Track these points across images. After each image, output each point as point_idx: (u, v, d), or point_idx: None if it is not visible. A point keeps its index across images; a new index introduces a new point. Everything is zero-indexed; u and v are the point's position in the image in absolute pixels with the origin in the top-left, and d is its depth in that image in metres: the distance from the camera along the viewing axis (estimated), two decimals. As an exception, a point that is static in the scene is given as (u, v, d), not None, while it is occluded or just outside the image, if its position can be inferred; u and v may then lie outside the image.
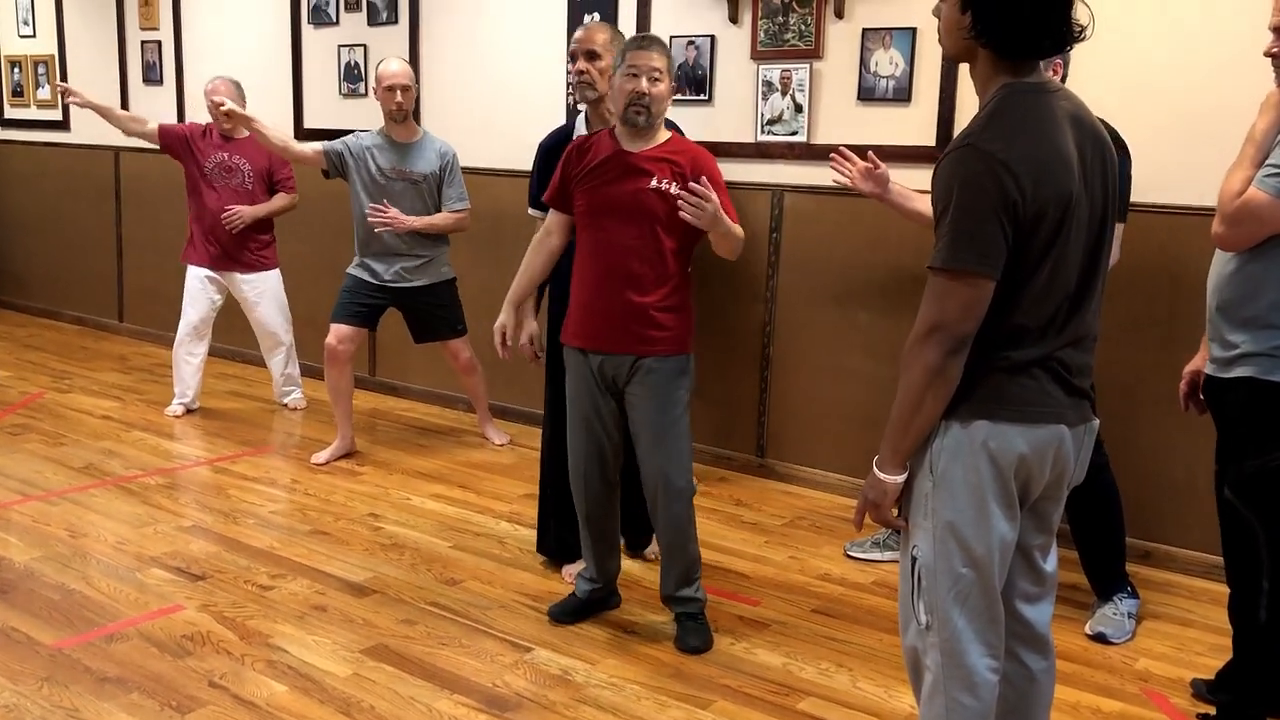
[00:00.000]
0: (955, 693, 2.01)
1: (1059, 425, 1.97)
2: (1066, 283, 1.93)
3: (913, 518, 2.04)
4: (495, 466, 4.80)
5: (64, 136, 7.51)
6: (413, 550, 3.82)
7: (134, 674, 2.91)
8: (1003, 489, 1.95)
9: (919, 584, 2.02)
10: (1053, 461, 1.99)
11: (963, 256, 1.86)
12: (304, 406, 5.60)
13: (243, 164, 5.26)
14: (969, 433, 1.94)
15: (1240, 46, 3.53)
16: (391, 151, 4.68)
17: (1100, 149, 1.97)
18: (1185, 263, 3.65)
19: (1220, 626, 3.33)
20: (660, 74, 2.99)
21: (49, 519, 4.01)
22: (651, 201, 2.99)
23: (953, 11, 1.93)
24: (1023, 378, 1.93)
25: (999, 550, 1.98)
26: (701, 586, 3.23)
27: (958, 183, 1.86)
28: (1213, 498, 3.65)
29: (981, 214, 1.84)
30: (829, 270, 4.46)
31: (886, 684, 2.97)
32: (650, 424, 3.06)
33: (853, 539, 3.94)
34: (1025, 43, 1.89)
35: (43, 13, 7.50)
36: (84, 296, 7.62)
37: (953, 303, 1.87)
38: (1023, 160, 1.84)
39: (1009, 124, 1.88)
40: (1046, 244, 1.88)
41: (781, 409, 4.65)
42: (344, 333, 4.69)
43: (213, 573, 3.57)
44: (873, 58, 4.24)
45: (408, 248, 4.69)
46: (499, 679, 2.94)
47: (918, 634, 2.05)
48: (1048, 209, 1.86)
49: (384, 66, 4.67)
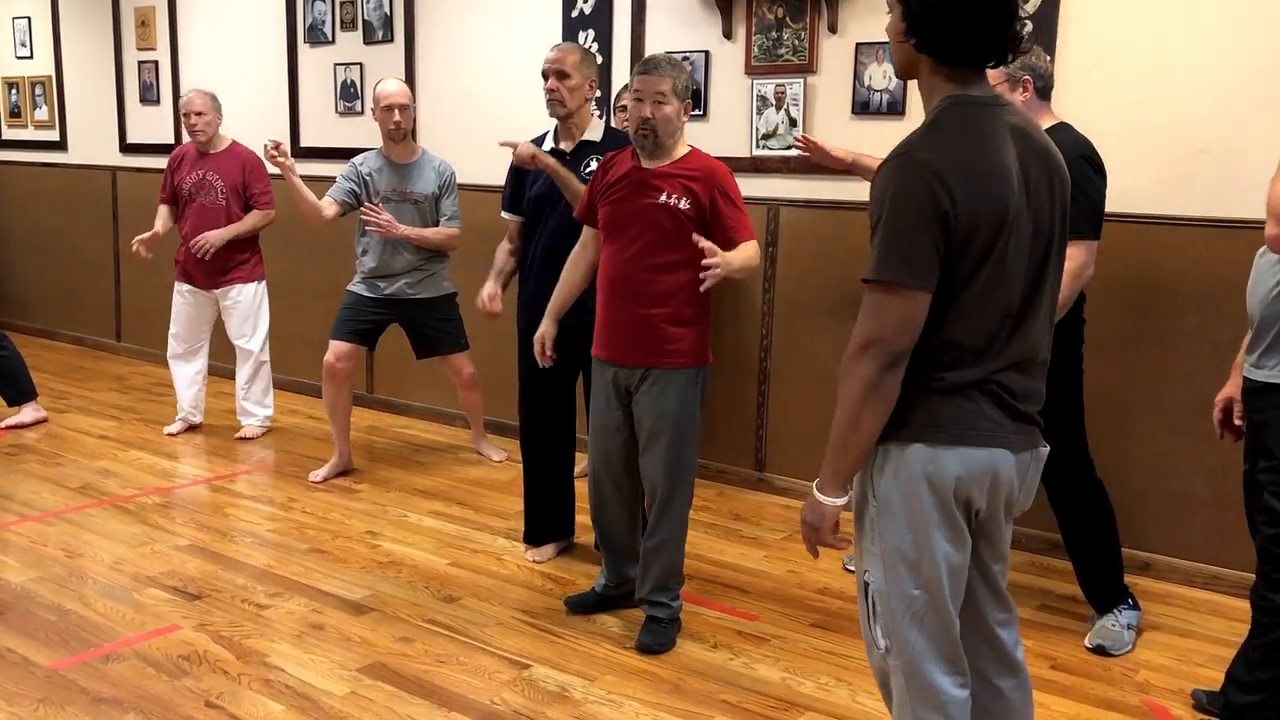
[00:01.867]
0: (922, 712, 1.98)
1: (999, 449, 1.91)
2: (1007, 301, 1.87)
3: (862, 541, 2.00)
4: (493, 483, 4.79)
5: (61, 157, 7.53)
6: (410, 567, 3.81)
7: (130, 694, 2.89)
8: (943, 513, 1.90)
9: (873, 609, 1.99)
10: (991, 486, 1.93)
11: (895, 268, 1.81)
12: (255, 437, 5.42)
13: (216, 180, 5.21)
14: (905, 457, 1.90)
15: (1222, 60, 3.55)
16: (391, 173, 4.68)
17: (1048, 165, 1.92)
18: (1180, 275, 3.66)
19: (1220, 637, 3.33)
20: (664, 96, 3.02)
21: (46, 539, 4.00)
22: (659, 216, 3.02)
23: (896, 22, 1.91)
24: (959, 399, 1.88)
25: (948, 572, 1.93)
26: (680, 598, 3.28)
27: (890, 193, 1.83)
28: (1211, 508, 3.67)
29: (913, 225, 1.79)
30: (826, 284, 4.46)
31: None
32: (652, 431, 3.11)
33: (851, 554, 3.92)
34: (961, 50, 1.86)
35: (40, 34, 7.53)
36: (82, 316, 7.62)
37: (887, 316, 1.83)
38: (955, 170, 1.80)
39: (944, 134, 1.85)
40: (980, 258, 1.83)
41: (780, 423, 4.65)
42: (342, 350, 4.68)
43: (209, 592, 3.56)
44: (866, 72, 4.26)
45: (405, 266, 4.69)
46: (497, 696, 2.93)
47: (880, 658, 2.03)
48: (980, 221, 1.80)
49: (382, 87, 4.67)
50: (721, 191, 3.04)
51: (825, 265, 4.45)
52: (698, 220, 3.02)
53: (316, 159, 5.90)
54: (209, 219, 5.20)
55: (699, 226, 3.00)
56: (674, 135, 3.08)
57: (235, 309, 5.32)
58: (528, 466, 3.94)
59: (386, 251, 4.66)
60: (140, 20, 6.84)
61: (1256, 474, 2.64)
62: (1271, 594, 2.60)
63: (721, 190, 3.04)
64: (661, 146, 3.07)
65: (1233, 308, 2.98)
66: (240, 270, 5.28)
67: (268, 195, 5.30)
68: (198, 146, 5.25)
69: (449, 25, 5.47)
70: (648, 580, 3.24)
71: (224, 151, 5.26)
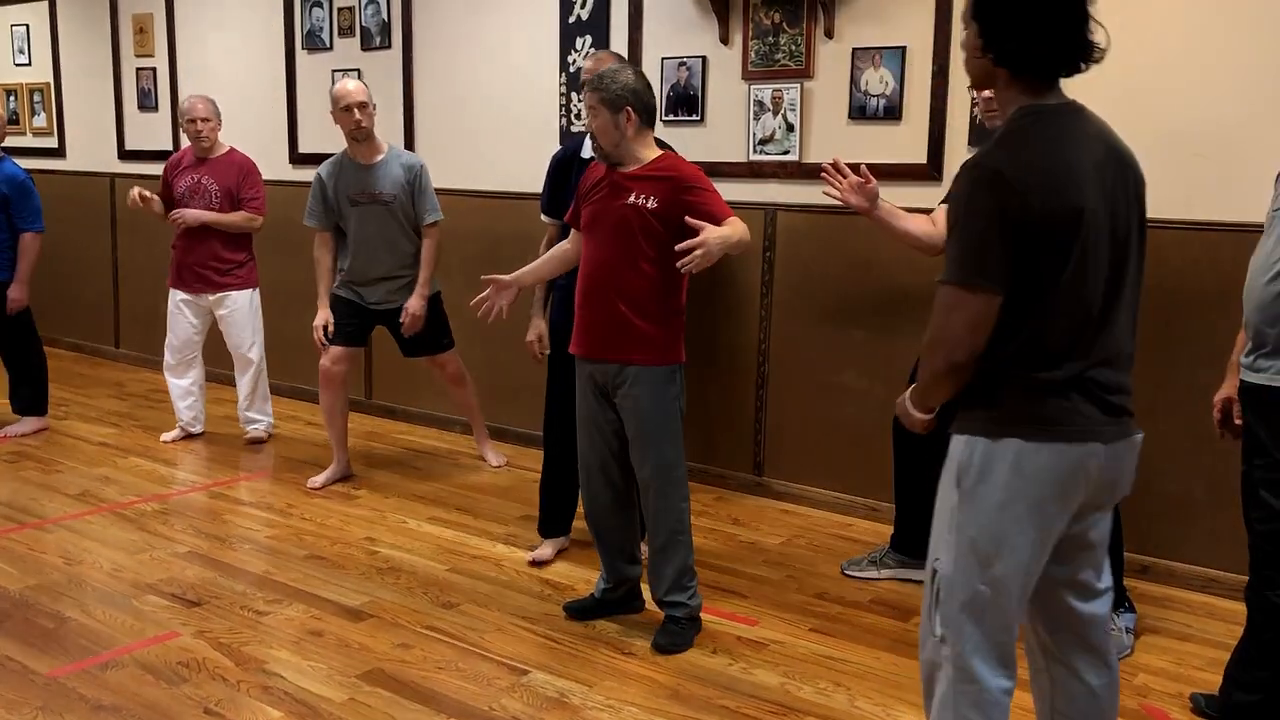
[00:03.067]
0: (964, 709, 2.00)
1: (1092, 443, 1.96)
2: (1089, 300, 1.93)
3: (937, 528, 2.04)
4: (492, 489, 4.79)
5: (60, 164, 7.54)
6: (409, 574, 3.81)
7: (129, 702, 2.89)
8: (1028, 508, 1.95)
9: (937, 596, 2.03)
10: (1086, 479, 1.98)
11: (966, 270, 1.89)
12: (265, 439, 5.47)
13: (211, 184, 5.21)
14: (998, 450, 1.95)
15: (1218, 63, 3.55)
16: (354, 175, 4.60)
17: (1124, 168, 1.99)
18: (1178, 278, 3.66)
19: (1219, 640, 3.33)
20: (595, 108, 3.13)
21: (44, 546, 4.00)
22: (629, 215, 3.11)
23: (972, 36, 1.99)
24: (1052, 396, 1.94)
25: (1021, 572, 1.98)
26: (698, 595, 3.34)
27: (963, 198, 1.91)
28: (1210, 512, 3.68)
29: (983, 228, 1.87)
30: (823, 289, 4.46)
31: (884, 703, 2.95)
32: (640, 430, 3.19)
33: (849, 558, 3.93)
34: (1037, 62, 1.93)
35: (38, 41, 7.54)
36: (81, 323, 7.62)
37: (957, 316, 1.91)
38: (1026, 175, 1.86)
39: (1016, 141, 1.92)
40: (1060, 260, 1.89)
41: (778, 427, 4.65)
42: (336, 353, 4.68)
43: (208, 599, 3.56)
44: (863, 77, 4.27)
45: (383, 273, 4.65)
46: (495, 702, 2.93)
47: (934, 646, 2.05)
48: (1056, 224, 1.87)
49: (339, 86, 4.57)
50: (688, 187, 3.11)
51: (823, 270, 4.45)
52: (666, 218, 3.08)
53: (314, 165, 5.88)
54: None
55: (669, 225, 3.06)
56: (619, 142, 3.14)
57: (233, 318, 5.30)
58: (548, 457, 3.96)
59: (361, 256, 4.63)
60: (138, 27, 6.84)
61: (1253, 472, 2.65)
62: (1267, 592, 2.60)
63: (688, 186, 3.11)
64: (613, 154, 3.15)
65: (1230, 310, 2.98)
66: (235, 275, 5.27)
67: (258, 201, 5.28)
68: (198, 152, 5.24)
69: (446, 31, 5.48)
70: (661, 582, 3.28)
71: (222, 157, 5.26)
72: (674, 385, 3.21)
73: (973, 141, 3.99)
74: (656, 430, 3.18)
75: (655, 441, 3.19)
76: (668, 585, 3.27)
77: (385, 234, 4.61)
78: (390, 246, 4.64)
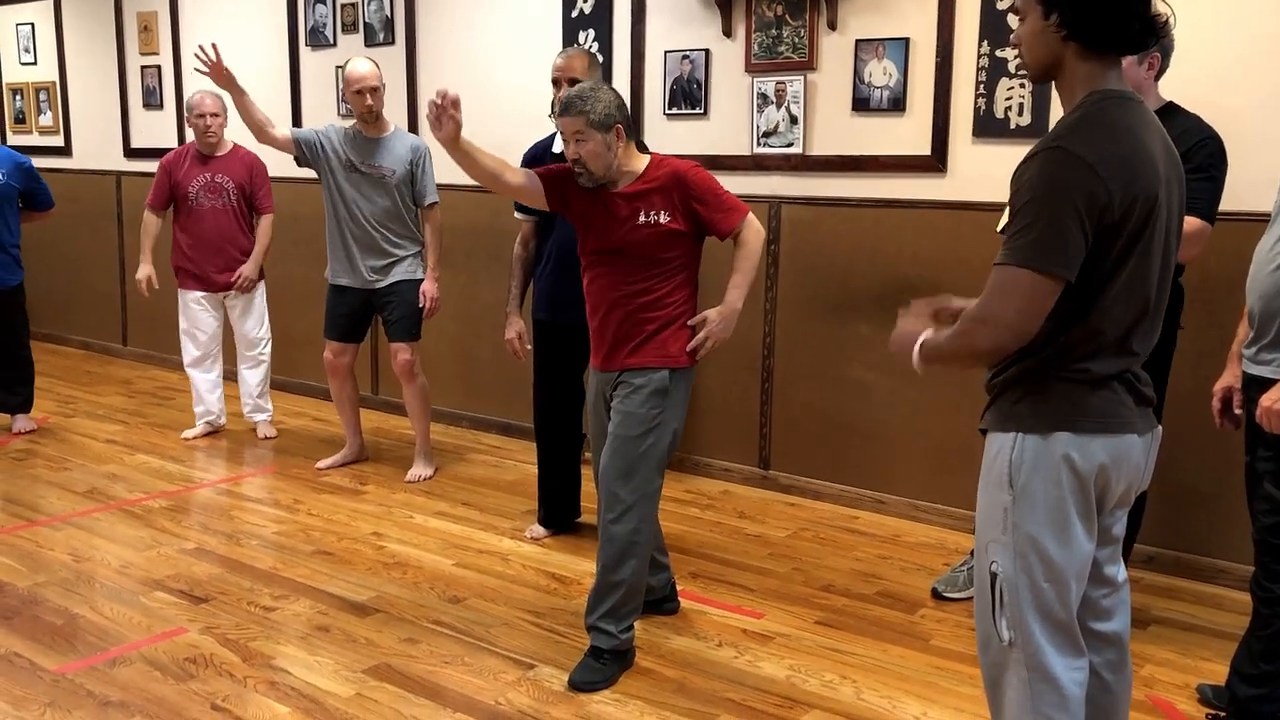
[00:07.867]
0: (1047, 709, 1.98)
1: (1131, 434, 1.97)
2: (1146, 291, 1.92)
3: (989, 533, 2.01)
4: (498, 484, 4.80)
5: (66, 162, 7.55)
6: (415, 569, 3.82)
7: (137, 698, 2.91)
8: (1083, 500, 1.94)
9: (999, 600, 1.99)
10: (1129, 470, 1.99)
11: (1040, 254, 1.83)
12: (275, 436, 5.48)
13: (227, 182, 5.22)
14: (1049, 445, 1.93)
15: (1219, 53, 3.54)
16: (362, 146, 4.63)
17: (1173, 159, 1.98)
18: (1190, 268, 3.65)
19: (1225, 631, 3.32)
20: (583, 134, 2.93)
21: (53, 544, 4.02)
22: (645, 238, 2.99)
23: (1035, 21, 1.93)
24: (1103, 389, 1.93)
25: (1079, 562, 1.97)
26: (631, 630, 3.08)
27: (1042, 183, 1.84)
28: (1215, 502, 3.67)
29: (1062, 214, 1.82)
30: (828, 281, 4.46)
31: (891, 695, 2.95)
32: (615, 437, 3.04)
33: (938, 576, 3.71)
34: (1109, 34, 1.88)
35: (44, 41, 7.56)
36: (88, 321, 7.65)
37: (1020, 302, 1.85)
38: (1110, 162, 1.83)
39: (1096, 127, 1.87)
40: (1127, 249, 1.87)
41: (784, 421, 4.65)
42: (335, 347, 4.83)
43: (216, 595, 3.57)
44: (866, 68, 4.25)
45: (373, 243, 4.64)
46: (502, 696, 2.94)
47: (1000, 651, 2.02)
48: (1134, 211, 1.85)
49: (352, 68, 4.58)
50: (694, 194, 2.99)
51: (827, 262, 4.44)
52: (681, 222, 2.99)
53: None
54: (220, 221, 5.23)
55: (686, 228, 3.00)
56: (610, 164, 2.99)
57: (250, 308, 5.37)
58: (541, 449, 4.12)
59: (345, 250, 4.66)
60: (143, 25, 6.85)
61: (1257, 463, 2.64)
62: (1272, 584, 2.60)
63: (694, 191, 2.99)
64: (605, 176, 3.00)
65: (1234, 300, 2.97)
66: None
67: (270, 199, 5.34)
68: (204, 149, 5.24)
69: (450, 27, 5.47)
70: (597, 606, 3.03)
71: (229, 154, 5.27)
72: (665, 396, 3.02)
73: (977, 133, 3.99)
74: (631, 440, 3.01)
75: (626, 453, 3.01)
76: (602, 611, 3.02)
77: (377, 206, 4.62)
78: (381, 220, 4.64)
